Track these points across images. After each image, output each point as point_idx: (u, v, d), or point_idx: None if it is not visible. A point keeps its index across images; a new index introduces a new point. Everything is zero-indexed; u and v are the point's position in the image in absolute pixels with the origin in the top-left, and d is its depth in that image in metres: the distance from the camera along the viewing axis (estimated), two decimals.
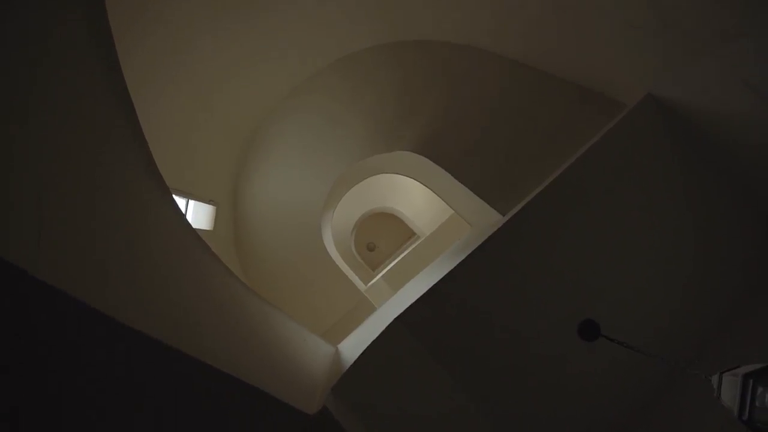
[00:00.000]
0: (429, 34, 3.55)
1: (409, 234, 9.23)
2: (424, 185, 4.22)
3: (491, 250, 2.25)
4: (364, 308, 5.00)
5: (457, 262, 2.27)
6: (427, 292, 2.23)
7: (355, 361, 2.09)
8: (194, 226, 3.95)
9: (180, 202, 3.81)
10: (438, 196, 4.15)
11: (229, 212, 4.68)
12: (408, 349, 2.14)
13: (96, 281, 1.22)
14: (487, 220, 3.11)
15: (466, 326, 2.19)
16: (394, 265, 6.38)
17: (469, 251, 2.34)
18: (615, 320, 2.25)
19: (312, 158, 4.27)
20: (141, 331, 1.22)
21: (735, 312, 2.34)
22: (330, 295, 4.96)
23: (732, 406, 1.03)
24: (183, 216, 1.86)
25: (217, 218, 4.40)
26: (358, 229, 9.21)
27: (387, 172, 4.90)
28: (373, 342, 2.14)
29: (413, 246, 6.81)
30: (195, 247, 1.86)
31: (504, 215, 2.76)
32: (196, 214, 4.07)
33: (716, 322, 2.34)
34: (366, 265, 9.31)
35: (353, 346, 2.61)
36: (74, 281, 1.12)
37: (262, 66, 3.74)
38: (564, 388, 2.20)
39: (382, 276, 6.14)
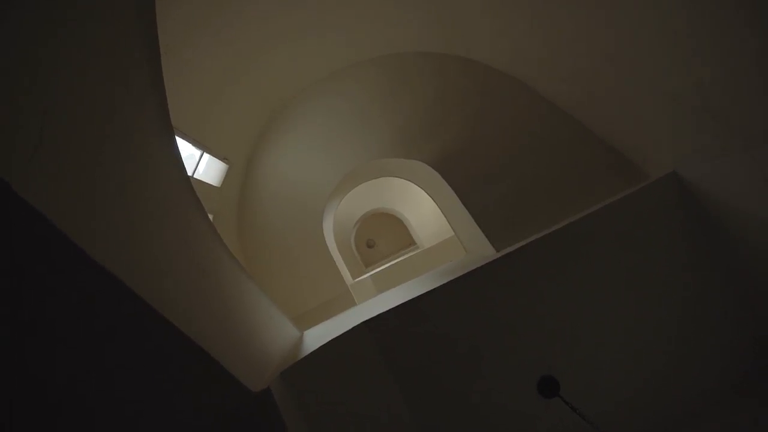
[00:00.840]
0: (477, 55, 3.53)
1: (409, 241, 9.22)
2: (433, 199, 4.21)
3: (472, 283, 2.24)
4: (344, 301, 5.01)
5: (438, 285, 2.27)
6: (400, 305, 2.24)
7: (312, 352, 2.12)
8: (203, 179, 4.03)
9: (195, 153, 3.88)
10: (443, 214, 4.13)
11: (240, 175, 4.74)
12: (366, 353, 2.15)
13: (81, 215, 1.26)
14: (481, 250, 3.09)
15: (428, 347, 2.19)
16: (385, 268, 6.39)
17: (452, 277, 2.33)
18: (578, 384, 2.23)
19: (331, 145, 4.30)
20: (112, 273, 1.25)
21: (700, 414, 2.28)
22: (315, 280, 4.99)
23: None
24: (184, 171, 1.89)
25: (227, 177, 4.46)
26: (362, 224, 9.24)
27: (399, 177, 4.91)
28: (336, 338, 2.16)
29: (409, 254, 6.81)
30: (188, 204, 1.90)
31: (498, 251, 2.73)
32: (208, 167, 4.13)
33: (678, 419, 2.28)
34: (360, 260, 9.35)
35: (318, 335, 2.63)
36: (59, 209, 1.15)
37: (307, 42, 3.76)
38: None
39: (371, 275, 6.16)
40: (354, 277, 6.40)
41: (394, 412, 2.07)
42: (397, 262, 6.41)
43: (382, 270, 6.34)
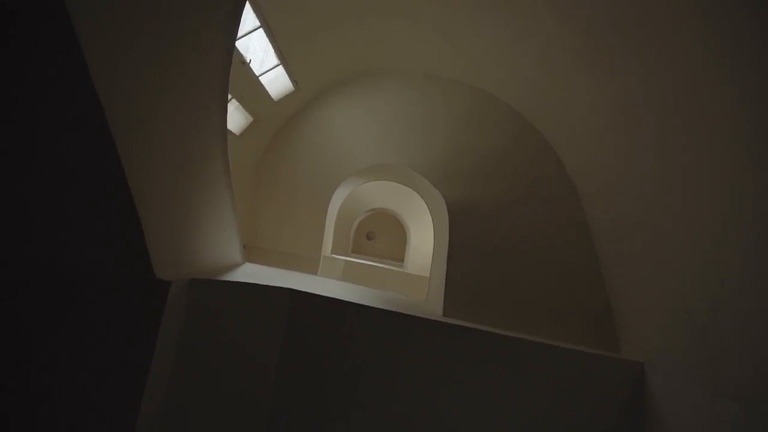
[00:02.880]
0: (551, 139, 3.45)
1: (401, 255, 9.20)
2: (433, 235, 4.18)
3: (399, 325, 2.23)
4: (306, 264, 5.10)
5: (375, 306, 2.27)
6: (327, 298, 2.25)
7: (230, 281, 2.17)
8: (267, 86, 4.14)
9: (274, 62, 3.99)
10: (432, 253, 4.11)
11: (297, 104, 4.86)
12: (272, 315, 2.17)
13: (116, 55, 1.33)
14: (434, 305, 3.05)
15: (326, 347, 2.20)
16: (361, 264, 6.42)
17: (392, 308, 2.33)
18: None
19: (383, 129, 4.35)
20: (101, 102, 1.32)
21: None
22: (295, 230, 5.08)
23: None
24: (228, 63, 1.98)
25: (287, 98, 4.58)
26: (374, 215, 9.29)
27: (420, 196, 4.92)
28: (259, 285, 2.20)
29: (390, 268, 6.80)
30: (214, 91, 1.98)
31: (443, 316, 2.70)
32: (276, 79, 4.24)
33: None
34: (351, 243, 9.40)
35: (252, 272, 2.68)
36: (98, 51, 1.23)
37: (422, 27, 3.73)
38: None
39: (345, 260, 6.20)
40: (332, 253, 6.46)
41: (262, 377, 2.10)
42: (374, 266, 6.42)
43: (358, 263, 6.37)
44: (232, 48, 2.12)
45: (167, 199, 1.85)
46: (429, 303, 3.27)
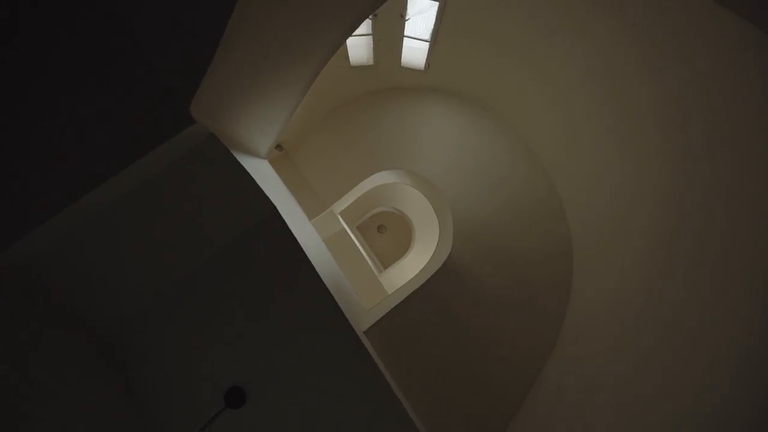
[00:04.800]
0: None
1: (389, 262, 9.22)
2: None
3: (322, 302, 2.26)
4: (313, 204, 5.26)
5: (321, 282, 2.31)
6: (296, 243, 2.29)
7: (237, 160, 2.23)
8: (404, 57, 4.15)
9: (425, 33, 4.00)
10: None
11: (398, 77, 4.86)
12: (244, 212, 2.24)
13: None
14: (365, 320, 3.04)
15: (254, 270, 2.25)
16: (353, 242, 6.49)
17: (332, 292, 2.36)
18: None
19: (434, 148, 4.40)
20: None
21: None
22: (330, 173, 5.21)
23: None
24: None
25: (400, 70, 4.60)
26: (396, 214, 9.30)
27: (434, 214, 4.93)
28: (255, 182, 2.26)
29: (371, 264, 6.84)
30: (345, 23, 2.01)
31: (362, 331, 2.70)
32: (414, 49, 4.27)
33: None
34: (358, 222, 9.45)
35: (260, 169, 2.74)
36: None
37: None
38: None
39: (343, 228, 6.30)
40: (339, 213, 6.55)
41: (197, 251, 2.17)
42: (360, 253, 6.48)
43: (350, 239, 6.43)
44: None
45: (253, 52, 1.89)
46: (365, 313, 3.27)
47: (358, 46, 4.28)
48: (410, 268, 8.06)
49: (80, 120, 1.70)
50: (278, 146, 5.49)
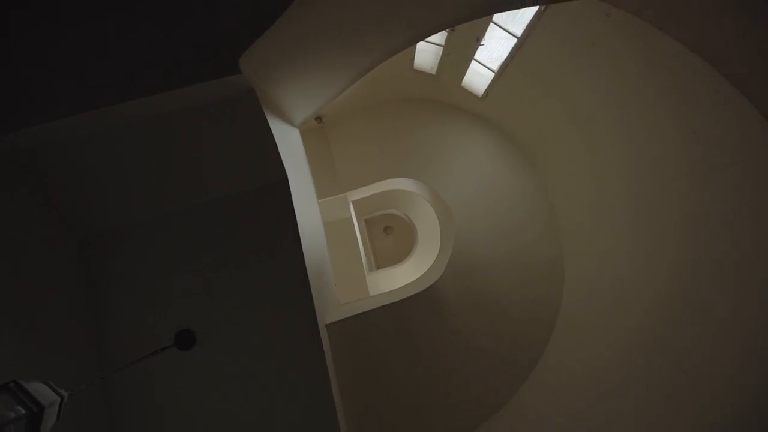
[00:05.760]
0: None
1: (383, 264, 9.25)
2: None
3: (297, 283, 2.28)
4: (331, 184, 5.28)
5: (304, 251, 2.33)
6: (292, 217, 2.32)
7: (267, 123, 2.26)
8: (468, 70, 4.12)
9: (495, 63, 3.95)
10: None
11: (454, 96, 4.83)
12: (263, 177, 2.28)
13: None
14: (335, 313, 3.05)
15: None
16: (354, 234, 6.51)
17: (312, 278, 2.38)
18: None
19: (466, 177, 4.33)
20: None
21: None
22: (357, 161, 5.22)
23: None
24: None
25: (457, 89, 4.56)
26: (403, 218, 9.29)
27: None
28: (277, 149, 2.29)
29: (363, 261, 6.86)
30: None
31: (325, 324, 2.72)
32: (478, 75, 4.23)
33: None
34: (368, 215, 9.40)
35: (287, 136, 2.78)
36: None
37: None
38: None
39: (350, 218, 6.32)
40: (352, 201, 6.59)
41: (198, 185, 2.22)
42: (358, 247, 6.51)
43: (354, 229, 6.46)
44: None
45: (316, 29, 1.90)
46: (336, 307, 3.28)
47: (426, 52, 4.27)
48: (400, 278, 8.04)
49: (130, 31, 1.73)
50: (318, 118, 5.53)
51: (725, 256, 2.06)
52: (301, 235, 2.34)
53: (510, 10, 2.28)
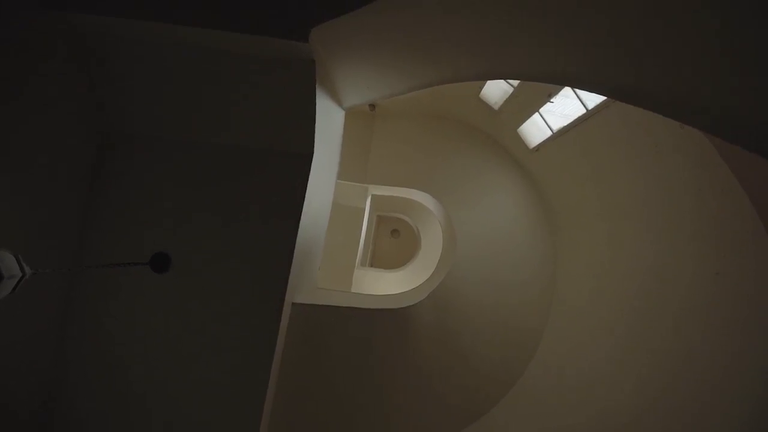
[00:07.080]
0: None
1: (381, 266, 9.28)
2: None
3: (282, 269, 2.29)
4: (360, 171, 5.29)
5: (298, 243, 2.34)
6: (303, 202, 2.33)
7: (316, 100, 2.27)
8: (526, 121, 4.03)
9: (558, 123, 3.87)
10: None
11: (505, 139, 4.76)
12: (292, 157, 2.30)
13: None
14: (309, 296, 3.07)
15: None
16: (358, 228, 6.52)
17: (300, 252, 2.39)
18: None
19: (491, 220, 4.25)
20: None
21: None
22: (391, 161, 5.22)
23: None
24: None
25: (511, 136, 4.50)
26: (413, 228, 9.26)
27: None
28: (313, 128, 2.30)
29: (359, 253, 6.88)
30: None
31: (291, 302, 2.73)
32: (536, 128, 4.16)
33: None
34: (377, 212, 9.36)
35: (329, 116, 2.78)
36: None
37: None
38: None
39: (363, 209, 6.33)
40: (372, 194, 6.60)
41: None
42: (357, 240, 6.53)
43: (360, 221, 6.47)
44: None
45: (397, 27, 1.88)
46: (311, 289, 3.30)
47: (497, 87, 4.21)
48: (387, 284, 8.04)
49: None
50: (371, 105, 5.53)
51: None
52: (303, 213, 2.35)
53: (586, 90, 2.22)
